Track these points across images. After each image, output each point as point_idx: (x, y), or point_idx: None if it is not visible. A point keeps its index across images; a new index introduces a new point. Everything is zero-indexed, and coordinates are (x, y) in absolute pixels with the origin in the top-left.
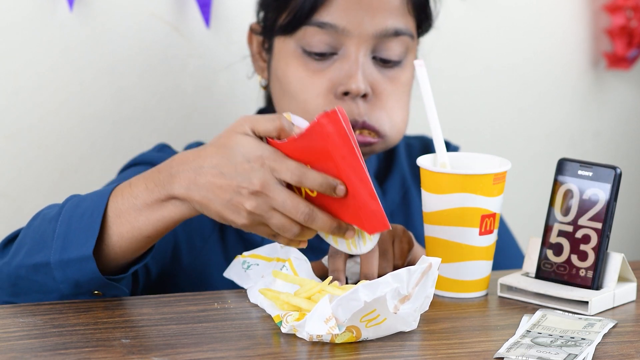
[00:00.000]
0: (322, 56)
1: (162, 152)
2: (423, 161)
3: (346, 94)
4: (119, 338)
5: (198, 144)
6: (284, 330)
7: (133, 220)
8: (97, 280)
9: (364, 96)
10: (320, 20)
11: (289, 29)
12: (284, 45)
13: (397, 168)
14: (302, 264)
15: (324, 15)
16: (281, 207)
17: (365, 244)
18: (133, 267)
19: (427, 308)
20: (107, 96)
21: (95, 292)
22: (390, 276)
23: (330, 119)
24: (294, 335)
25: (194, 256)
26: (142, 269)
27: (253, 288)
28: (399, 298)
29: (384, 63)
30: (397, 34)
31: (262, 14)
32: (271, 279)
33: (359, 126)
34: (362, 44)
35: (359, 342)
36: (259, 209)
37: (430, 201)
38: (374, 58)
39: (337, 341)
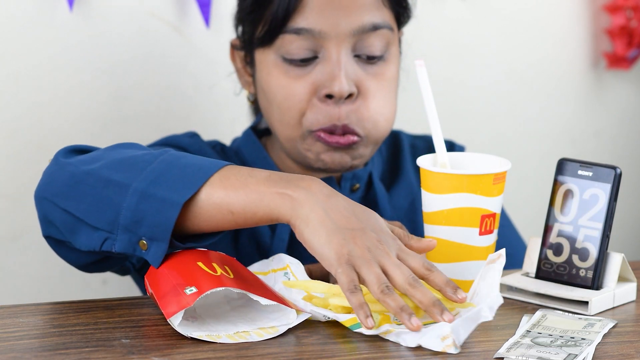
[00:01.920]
0: (303, 62)
1: (193, 139)
2: (423, 161)
3: (330, 96)
4: (119, 338)
5: (216, 143)
6: (367, 332)
7: (230, 189)
8: (162, 232)
9: (350, 96)
10: (295, 27)
11: (267, 39)
12: (264, 57)
13: (403, 174)
14: (298, 267)
15: (298, 21)
16: (388, 261)
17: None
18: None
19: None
20: (107, 96)
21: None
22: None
23: None
24: (293, 335)
25: None
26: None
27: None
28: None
29: (366, 60)
30: (375, 28)
31: (240, 29)
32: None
33: (339, 130)
34: (341, 44)
35: (359, 342)
36: (369, 249)
37: (430, 201)
38: (357, 56)
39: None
